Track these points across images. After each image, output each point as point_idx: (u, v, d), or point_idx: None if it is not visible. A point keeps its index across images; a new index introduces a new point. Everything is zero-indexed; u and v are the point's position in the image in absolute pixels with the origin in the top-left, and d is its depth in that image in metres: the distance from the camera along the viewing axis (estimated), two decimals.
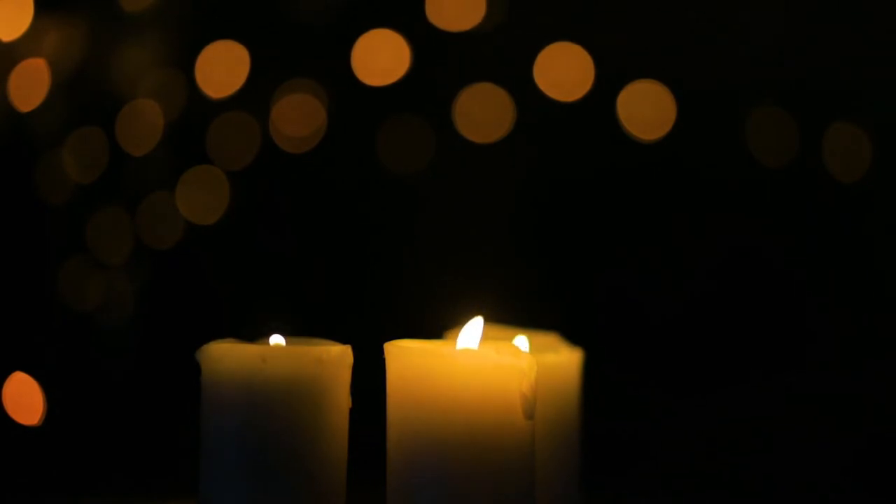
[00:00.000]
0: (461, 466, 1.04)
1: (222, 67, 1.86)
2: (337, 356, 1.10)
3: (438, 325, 1.24)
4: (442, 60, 1.87)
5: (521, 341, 1.23)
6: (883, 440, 1.80)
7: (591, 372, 1.28)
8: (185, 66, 1.85)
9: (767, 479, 1.80)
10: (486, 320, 1.28)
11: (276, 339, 1.14)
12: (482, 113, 1.86)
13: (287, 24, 1.87)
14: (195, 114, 1.85)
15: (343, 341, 1.13)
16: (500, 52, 1.87)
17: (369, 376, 1.13)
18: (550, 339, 1.28)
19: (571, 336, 1.29)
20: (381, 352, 1.09)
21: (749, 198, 1.87)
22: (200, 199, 1.86)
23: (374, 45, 1.87)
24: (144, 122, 1.84)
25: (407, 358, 1.07)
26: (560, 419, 1.23)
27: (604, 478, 1.59)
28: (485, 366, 1.05)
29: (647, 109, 1.85)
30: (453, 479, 1.04)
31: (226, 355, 1.09)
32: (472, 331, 1.10)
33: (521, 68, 1.85)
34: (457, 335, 1.11)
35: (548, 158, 1.89)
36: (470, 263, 1.85)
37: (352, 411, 1.12)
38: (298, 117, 1.87)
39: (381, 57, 1.86)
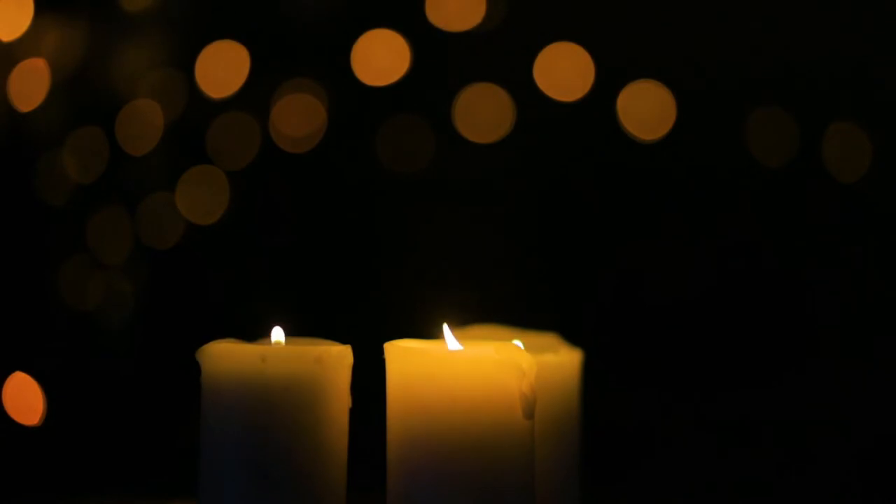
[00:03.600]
0: (461, 466, 1.04)
1: (222, 67, 1.86)
2: (337, 356, 1.10)
3: (439, 326, 1.24)
4: (442, 60, 1.87)
5: (518, 344, 1.23)
6: (883, 440, 1.80)
7: (591, 372, 1.28)
8: (185, 66, 1.85)
9: (767, 478, 1.80)
10: (486, 321, 1.28)
11: (277, 333, 1.14)
12: (482, 113, 1.86)
13: (287, 24, 1.87)
14: (195, 114, 1.85)
15: (343, 341, 1.13)
16: (500, 52, 1.87)
17: (369, 376, 1.13)
18: (550, 339, 1.28)
19: (571, 336, 1.29)
20: (381, 352, 1.09)
21: (749, 198, 1.87)
22: (200, 199, 1.86)
23: (374, 45, 1.87)
24: (144, 122, 1.84)
25: (407, 358, 1.07)
26: (560, 419, 1.23)
27: (604, 478, 1.59)
28: (484, 366, 1.05)
29: (647, 109, 1.85)
30: (453, 479, 1.04)
31: (226, 355, 1.09)
32: (449, 338, 1.10)
33: (521, 68, 1.85)
34: (456, 336, 1.11)
35: (548, 158, 1.89)
36: (470, 263, 1.85)
37: (352, 411, 1.12)
38: (298, 117, 1.87)
39: (381, 57, 1.86)
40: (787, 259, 1.87)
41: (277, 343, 1.14)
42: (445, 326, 1.11)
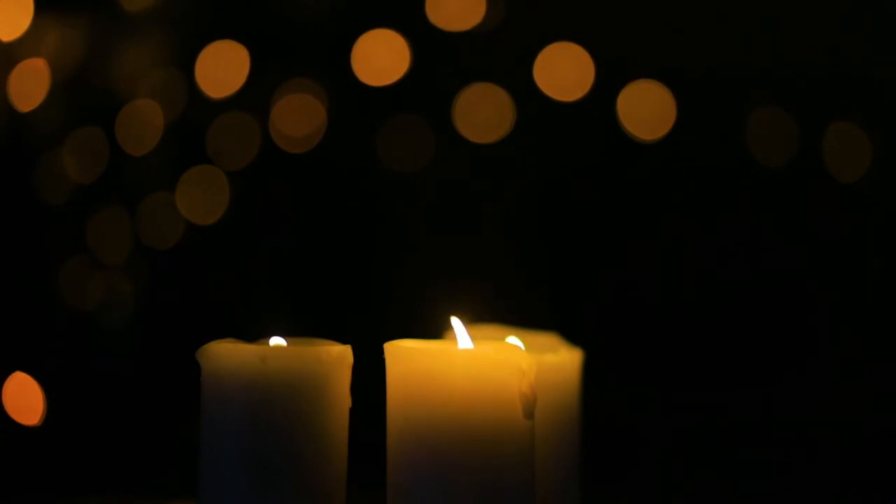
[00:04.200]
0: (461, 466, 1.04)
1: (222, 67, 1.86)
2: (337, 356, 1.10)
3: (438, 325, 1.24)
4: (442, 60, 1.87)
5: (514, 341, 1.23)
6: (884, 440, 1.80)
7: (591, 372, 1.28)
8: (185, 66, 1.85)
9: (768, 479, 1.80)
10: (486, 320, 1.28)
11: (277, 342, 1.14)
12: (482, 113, 1.86)
13: (287, 24, 1.87)
14: (195, 114, 1.85)
15: (343, 341, 1.13)
16: (500, 52, 1.87)
17: (369, 376, 1.13)
18: (550, 339, 1.28)
19: (571, 336, 1.29)
20: (381, 352, 1.09)
21: (749, 198, 1.87)
22: (200, 199, 1.86)
23: (374, 45, 1.87)
24: (144, 122, 1.84)
25: (407, 358, 1.07)
26: (560, 419, 1.23)
27: (604, 478, 1.59)
28: (485, 365, 1.05)
29: (647, 109, 1.85)
30: (453, 478, 1.04)
31: (226, 355, 1.09)
32: (460, 332, 1.10)
33: (521, 68, 1.85)
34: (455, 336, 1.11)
35: (548, 158, 1.89)
36: (470, 263, 1.85)
37: (352, 411, 1.12)
38: (298, 117, 1.87)
39: (381, 57, 1.86)
40: (787, 259, 1.87)
41: (277, 344, 1.14)
42: (456, 320, 1.11)
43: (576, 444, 1.25)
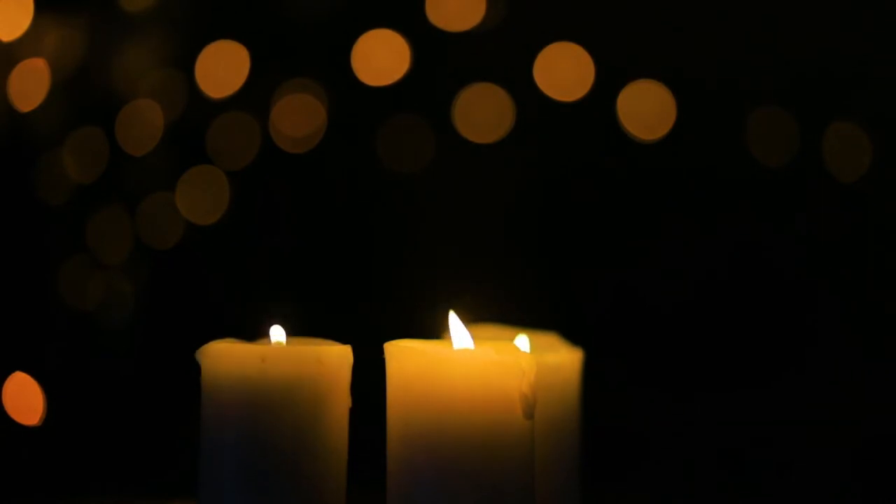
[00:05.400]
0: (461, 466, 1.04)
1: (222, 67, 1.86)
2: (337, 356, 1.10)
3: (438, 325, 1.24)
4: (442, 60, 1.87)
5: (522, 341, 1.23)
6: (884, 440, 1.80)
7: (591, 372, 1.28)
8: (185, 66, 1.85)
9: (768, 479, 1.80)
10: (487, 320, 1.28)
11: (277, 332, 1.14)
12: (482, 113, 1.86)
13: (287, 24, 1.87)
14: (195, 114, 1.85)
15: (343, 341, 1.13)
16: (500, 52, 1.87)
17: (369, 376, 1.13)
18: (550, 339, 1.28)
19: (571, 336, 1.29)
20: (381, 352, 1.09)
21: (749, 198, 1.87)
22: (200, 199, 1.86)
23: (374, 45, 1.87)
24: (144, 122, 1.84)
25: (407, 358, 1.07)
26: (560, 419, 1.23)
27: (604, 478, 1.59)
28: (485, 365, 1.05)
29: (647, 109, 1.85)
30: (453, 479, 1.04)
31: (226, 355, 1.09)
32: (457, 329, 1.10)
33: (521, 68, 1.86)
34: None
35: (548, 158, 1.89)
36: (470, 263, 1.85)
37: (352, 411, 1.12)
38: (298, 117, 1.87)
39: (381, 57, 1.86)
40: (787, 259, 1.87)
41: (277, 343, 1.14)
42: (453, 315, 1.11)
43: (576, 444, 1.25)
